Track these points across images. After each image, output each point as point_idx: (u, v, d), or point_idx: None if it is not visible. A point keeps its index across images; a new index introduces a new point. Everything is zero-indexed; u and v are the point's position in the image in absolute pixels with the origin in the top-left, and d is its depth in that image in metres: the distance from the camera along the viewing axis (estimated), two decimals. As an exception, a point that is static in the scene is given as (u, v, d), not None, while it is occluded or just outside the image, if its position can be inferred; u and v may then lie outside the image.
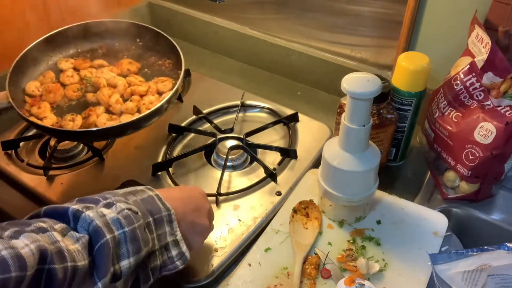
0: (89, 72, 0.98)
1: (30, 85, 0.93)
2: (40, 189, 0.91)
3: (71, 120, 0.88)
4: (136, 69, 0.99)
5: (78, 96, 0.93)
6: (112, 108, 0.90)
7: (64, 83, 0.96)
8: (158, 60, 1.01)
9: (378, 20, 1.03)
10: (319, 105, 1.14)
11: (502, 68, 0.77)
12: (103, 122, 0.87)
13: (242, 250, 0.82)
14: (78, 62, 1.00)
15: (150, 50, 1.02)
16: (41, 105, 0.91)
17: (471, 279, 0.72)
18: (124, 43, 1.03)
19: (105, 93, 0.91)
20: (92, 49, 1.03)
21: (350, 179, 0.78)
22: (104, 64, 1.00)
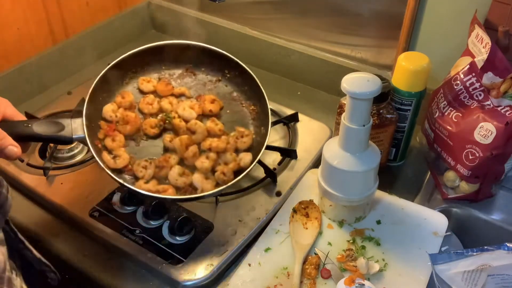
0: (169, 104, 0.90)
1: (107, 109, 0.86)
2: (40, 189, 0.91)
3: (144, 168, 0.82)
4: (218, 109, 0.91)
5: (155, 133, 0.87)
6: (187, 161, 0.84)
7: (143, 110, 0.89)
8: (242, 101, 0.93)
9: (378, 20, 1.03)
10: (319, 105, 1.14)
11: (502, 68, 0.77)
12: (174, 178, 0.81)
13: (242, 250, 0.82)
14: (160, 86, 0.92)
15: (237, 87, 0.94)
16: (116, 138, 0.84)
17: (471, 279, 0.72)
18: (211, 70, 0.96)
19: (183, 143, 0.84)
20: (177, 73, 0.96)
21: (350, 179, 0.78)
22: (186, 93, 0.93)
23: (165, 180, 0.82)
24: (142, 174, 0.81)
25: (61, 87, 1.20)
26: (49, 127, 0.75)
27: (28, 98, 1.16)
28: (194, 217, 0.85)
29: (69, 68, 1.24)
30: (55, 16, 1.20)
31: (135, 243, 0.81)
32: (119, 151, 0.83)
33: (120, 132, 0.86)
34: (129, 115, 0.87)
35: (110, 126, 0.85)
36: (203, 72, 0.96)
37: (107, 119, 0.86)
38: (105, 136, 0.85)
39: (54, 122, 0.77)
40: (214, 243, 0.81)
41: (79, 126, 0.77)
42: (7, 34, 1.11)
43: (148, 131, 0.87)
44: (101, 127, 0.85)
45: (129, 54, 0.91)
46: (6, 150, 0.66)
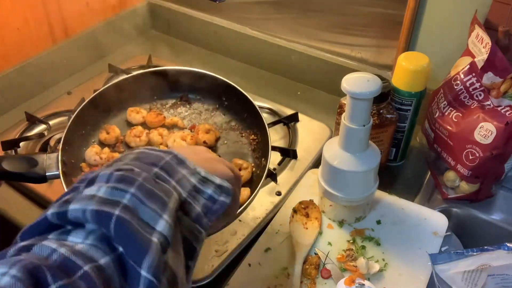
0: (159, 136, 0.83)
1: (90, 153, 0.78)
2: (40, 189, 0.91)
3: None
4: (213, 140, 0.84)
5: None
6: None
7: (129, 144, 0.83)
8: (241, 130, 0.87)
9: (378, 20, 1.03)
10: (319, 105, 1.14)
11: (502, 68, 0.77)
12: None
13: (242, 250, 0.82)
14: (149, 117, 0.85)
15: (236, 115, 0.88)
16: None
17: (471, 279, 0.72)
18: (208, 98, 0.89)
19: None
20: (170, 102, 0.90)
21: (350, 179, 0.78)
22: (179, 124, 0.87)
23: None
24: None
25: (61, 87, 1.20)
26: (21, 164, 0.68)
27: (28, 98, 1.16)
28: (194, 217, 0.85)
29: (69, 68, 1.24)
30: (55, 16, 1.20)
31: (135, 243, 0.81)
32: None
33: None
34: (115, 156, 0.79)
35: (93, 169, 0.78)
36: (199, 100, 0.90)
37: (91, 164, 0.79)
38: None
39: (27, 158, 0.70)
40: (214, 243, 0.81)
41: (53, 162, 0.69)
42: (7, 34, 1.11)
43: None
44: (83, 170, 0.78)
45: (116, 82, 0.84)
46: None
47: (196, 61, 1.28)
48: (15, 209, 0.90)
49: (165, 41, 1.39)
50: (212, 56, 1.33)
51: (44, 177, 0.69)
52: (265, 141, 0.81)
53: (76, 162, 0.78)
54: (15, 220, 0.88)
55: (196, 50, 1.35)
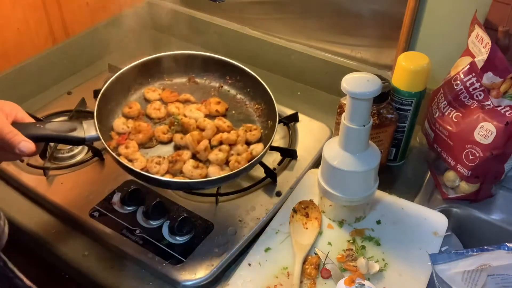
0: (176, 108, 0.92)
1: (118, 123, 0.88)
2: (40, 189, 0.91)
3: (157, 163, 0.82)
4: (224, 110, 0.93)
5: (169, 138, 0.88)
6: (200, 155, 0.84)
7: (150, 115, 0.91)
8: (246, 102, 0.96)
9: (378, 20, 1.03)
10: (319, 105, 1.14)
11: (502, 68, 0.77)
12: (189, 170, 0.82)
13: (242, 250, 0.82)
14: (165, 94, 0.94)
15: (240, 90, 0.97)
16: (130, 145, 0.84)
17: (471, 279, 0.72)
18: (213, 78, 0.98)
19: (195, 138, 0.85)
20: (180, 83, 0.98)
21: (350, 179, 0.78)
22: (191, 99, 0.95)
23: (179, 174, 0.83)
24: (156, 169, 0.81)
25: (61, 87, 1.20)
26: (62, 127, 0.75)
27: (28, 98, 1.16)
28: (194, 217, 0.85)
29: (69, 68, 1.23)
30: (55, 16, 1.20)
31: (135, 243, 0.81)
32: (135, 155, 0.83)
33: (133, 140, 0.86)
34: (141, 124, 0.88)
35: (122, 136, 0.86)
36: (205, 80, 0.99)
37: (120, 132, 0.87)
38: (118, 145, 0.85)
39: (66, 122, 0.77)
40: (214, 243, 0.81)
41: (91, 126, 0.77)
42: (7, 34, 1.11)
43: (162, 138, 0.88)
44: (112, 137, 0.86)
45: (133, 65, 0.93)
46: (20, 145, 0.66)
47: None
48: (15, 209, 0.90)
49: (165, 41, 1.39)
50: (212, 56, 1.33)
51: (83, 139, 0.76)
52: (270, 106, 0.90)
53: (105, 131, 0.85)
54: (15, 220, 0.88)
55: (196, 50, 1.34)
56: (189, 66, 0.98)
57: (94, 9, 1.28)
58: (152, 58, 0.95)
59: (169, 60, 0.97)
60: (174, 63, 0.97)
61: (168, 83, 0.98)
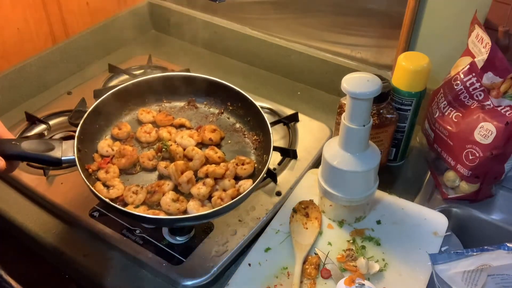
0: (167, 133, 0.87)
1: (103, 145, 0.83)
2: (40, 189, 0.91)
3: (134, 193, 0.77)
4: (218, 139, 0.88)
5: (153, 166, 0.83)
6: (181, 188, 0.79)
7: (140, 139, 0.87)
8: (245, 132, 0.91)
9: (378, 20, 1.03)
10: (319, 105, 1.14)
11: (502, 68, 0.77)
12: (167, 203, 0.76)
13: (242, 250, 0.82)
14: (159, 117, 0.90)
15: (240, 118, 0.92)
16: (110, 170, 0.80)
17: (471, 279, 0.72)
18: (214, 103, 0.94)
19: (178, 168, 0.79)
20: (178, 106, 0.94)
21: (350, 179, 0.78)
22: (186, 124, 0.90)
23: (156, 207, 0.78)
24: (132, 199, 0.77)
25: (61, 87, 1.20)
26: (39, 146, 0.71)
27: (28, 98, 1.16)
28: (194, 217, 0.85)
29: (69, 68, 1.24)
30: (55, 16, 1.20)
31: (135, 243, 0.81)
32: (113, 181, 0.79)
33: (115, 164, 0.82)
34: (126, 148, 0.83)
35: (104, 160, 0.82)
36: (206, 105, 0.95)
37: (103, 155, 0.83)
38: (99, 169, 0.81)
39: (44, 141, 0.73)
40: (214, 243, 0.81)
41: (70, 147, 0.73)
42: (7, 34, 1.11)
43: (146, 164, 0.83)
44: (95, 159, 0.82)
45: (130, 83, 0.89)
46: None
47: (196, 61, 1.28)
48: (15, 209, 0.90)
49: (165, 41, 1.39)
50: (212, 56, 1.33)
51: (59, 161, 0.72)
52: (267, 139, 0.84)
53: (88, 152, 0.82)
54: (15, 220, 0.88)
55: (196, 50, 1.35)
56: (190, 88, 0.94)
57: (94, 9, 1.28)
58: (151, 77, 0.91)
59: (169, 81, 0.92)
60: (174, 84, 0.93)
61: (166, 105, 0.94)
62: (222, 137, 0.89)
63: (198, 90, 0.94)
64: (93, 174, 0.81)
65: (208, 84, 0.92)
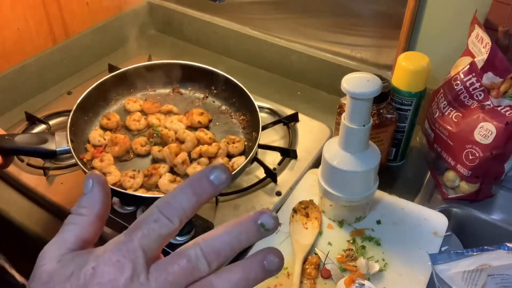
0: (157, 119, 0.90)
1: (94, 135, 0.85)
2: (40, 189, 0.91)
3: (131, 177, 0.79)
4: (207, 121, 0.91)
5: (147, 151, 0.85)
6: (177, 169, 0.81)
7: (130, 127, 0.89)
8: (231, 113, 0.94)
9: (378, 20, 1.03)
10: (319, 105, 1.14)
11: (502, 68, 0.77)
12: (165, 184, 0.78)
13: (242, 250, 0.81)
14: (146, 105, 0.93)
15: (225, 101, 0.95)
16: (104, 158, 0.82)
17: (471, 279, 0.72)
18: (198, 89, 0.96)
19: (172, 151, 0.82)
20: (163, 93, 0.96)
21: (350, 179, 0.78)
22: (174, 110, 0.93)
23: (154, 189, 0.79)
24: (130, 183, 0.78)
25: (61, 87, 1.20)
26: (32, 139, 0.73)
27: (28, 98, 1.16)
28: (194, 217, 0.85)
29: (69, 68, 1.23)
30: (55, 16, 1.20)
31: (135, 243, 0.81)
32: (109, 168, 0.80)
33: (108, 153, 0.84)
34: (118, 136, 0.85)
35: (98, 149, 0.84)
36: (190, 91, 0.97)
37: (95, 145, 0.84)
38: (93, 158, 0.82)
39: (36, 135, 0.75)
40: (214, 243, 0.81)
41: (63, 139, 0.74)
42: (7, 34, 1.11)
43: (139, 150, 0.85)
44: (88, 150, 0.84)
45: (112, 75, 0.91)
46: None
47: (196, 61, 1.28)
48: (15, 209, 0.90)
49: (165, 41, 1.39)
50: (212, 56, 1.33)
51: (54, 152, 0.73)
52: (255, 118, 0.86)
53: (80, 143, 0.84)
54: (15, 220, 0.88)
55: (196, 50, 1.35)
56: (173, 75, 0.96)
57: (94, 9, 1.28)
58: (134, 67, 0.93)
59: (152, 70, 0.94)
60: (158, 72, 0.95)
61: (151, 93, 0.96)
62: (210, 120, 0.92)
63: (182, 77, 0.96)
64: (87, 163, 0.82)
65: (190, 70, 0.95)
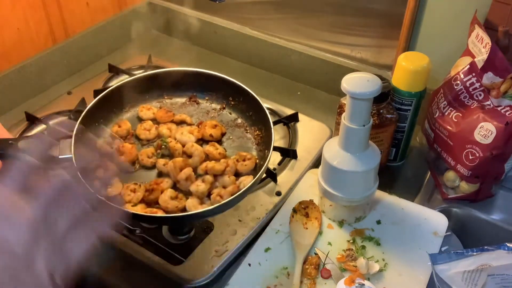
0: (167, 130, 0.86)
1: (101, 143, 0.83)
2: (40, 189, 0.91)
3: (132, 191, 0.76)
4: (219, 135, 0.87)
5: (152, 163, 0.82)
6: (180, 185, 0.78)
7: (139, 136, 0.86)
8: (247, 127, 0.89)
9: (378, 20, 1.03)
10: (319, 105, 1.14)
11: (502, 68, 0.77)
12: (165, 201, 0.75)
13: (242, 250, 0.82)
14: (159, 113, 0.89)
15: (241, 113, 0.91)
16: (109, 168, 0.76)
17: (471, 279, 0.72)
18: (216, 99, 0.92)
19: (177, 165, 0.78)
20: (179, 102, 0.93)
21: (350, 179, 0.78)
22: (187, 120, 0.89)
23: (155, 205, 0.77)
24: (130, 197, 0.76)
25: (61, 87, 1.20)
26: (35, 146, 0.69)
27: (28, 98, 1.16)
28: (194, 217, 0.85)
29: (69, 68, 1.23)
30: (55, 16, 1.20)
31: (135, 243, 0.81)
32: (111, 180, 0.76)
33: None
34: (125, 145, 0.82)
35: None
36: (207, 101, 0.93)
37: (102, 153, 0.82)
38: (97, 168, 0.78)
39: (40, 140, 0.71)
40: (214, 243, 0.81)
41: (67, 146, 0.72)
42: (7, 34, 1.11)
43: (145, 162, 0.82)
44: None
45: (129, 80, 0.88)
46: None
47: (196, 61, 1.28)
48: (15, 209, 0.90)
49: (165, 41, 1.39)
50: (212, 56, 1.33)
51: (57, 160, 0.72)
52: (268, 134, 0.82)
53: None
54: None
55: (196, 50, 1.35)
56: (191, 84, 0.93)
57: (94, 9, 1.28)
58: (151, 73, 0.91)
59: (170, 76, 0.91)
60: (175, 79, 0.92)
61: (167, 101, 0.93)
62: (223, 133, 0.88)
63: (200, 86, 0.93)
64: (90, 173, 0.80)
65: (209, 79, 0.91)
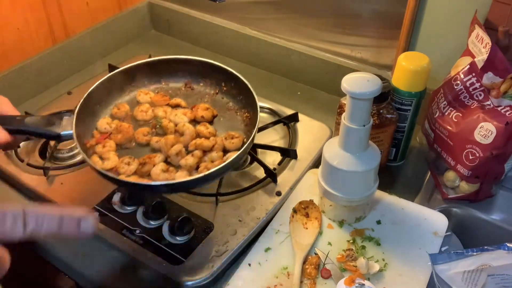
0: (163, 112, 0.92)
1: (102, 122, 0.88)
2: (40, 189, 0.91)
3: (127, 164, 0.81)
4: (211, 116, 0.92)
5: (147, 141, 0.87)
6: (171, 160, 0.83)
7: (137, 117, 0.91)
8: (237, 110, 0.94)
9: (378, 20, 1.03)
10: (319, 105, 1.14)
11: (502, 68, 0.77)
12: (156, 173, 0.80)
13: (242, 250, 0.82)
14: (156, 97, 0.95)
15: (233, 98, 0.95)
16: (107, 144, 0.85)
17: (471, 279, 0.72)
18: (210, 84, 0.97)
19: (168, 142, 0.84)
20: (175, 87, 0.98)
21: (350, 179, 0.78)
22: (182, 104, 0.94)
23: (147, 176, 0.81)
24: (124, 170, 0.81)
25: (61, 87, 1.20)
26: (40, 121, 0.76)
27: (28, 98, 1.16)
28: (194, 217, 0.85)
29: (69, 68, 1.24)
30: (55, 16, 1.20)
31: (135, 243, 0.81)
32: (108, 154, 0.83)
33: (112, 140, 0.86)
34: (123, 125, 0.87)
35: (102, 136, 0.86)
36: (202, 86, 0.98)
37: (102, 132, 0.87)
38: (96, 144, 0.85)
39: (46, 117, 0.77)
40: (214, 243, 0.81)
41: (69, 123, 0.77)
42: (7, 34, 1.11)
43: (141, 139, 0.87)
44: (94, 135, 0.86)
45: (128, 66, 0.94)
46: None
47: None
48: (15, 209, 0.90)
49: (165, 41, 1.39)
50: (212, 56, 1.32)
51: (59, 135, 0.76)
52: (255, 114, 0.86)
53: (88, 129, 0.86)
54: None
55: (196, 50, 1.35)
56: (187, 71, 0.98)
57: (94, 9, 1.28)
58: (149, 61, 0.95)
59: (167, 64, 0.97)
60: (172, 67, 0.97)
61: (164, 87, 0.98)
62: (214, 115, 0.93)
63: (195, 72, 0.98)
64: (90, 149, 0.84)
65: (204, 66, 0.96)
